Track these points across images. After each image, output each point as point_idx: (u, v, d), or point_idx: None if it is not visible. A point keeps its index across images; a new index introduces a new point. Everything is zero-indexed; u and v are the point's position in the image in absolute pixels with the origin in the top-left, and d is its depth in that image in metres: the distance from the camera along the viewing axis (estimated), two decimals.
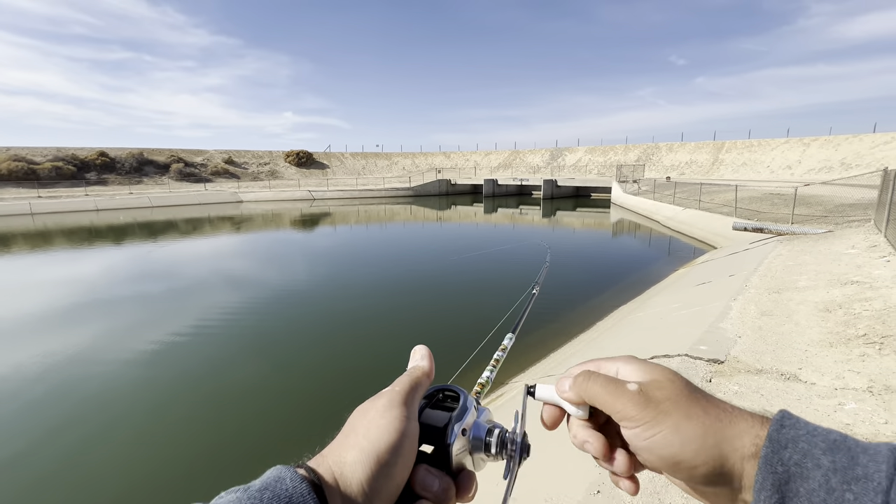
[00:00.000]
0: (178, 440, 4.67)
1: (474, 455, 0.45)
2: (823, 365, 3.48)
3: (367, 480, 0.36)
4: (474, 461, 0.45)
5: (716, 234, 13.60)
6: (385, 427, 0.39)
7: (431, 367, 0.48)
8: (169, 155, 44.57)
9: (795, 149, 37.08)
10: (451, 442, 0.42)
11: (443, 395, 0.48)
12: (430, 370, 0.48)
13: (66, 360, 6.45)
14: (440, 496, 0.40)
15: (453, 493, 0.41)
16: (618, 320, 7.14)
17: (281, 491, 0.32)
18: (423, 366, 0.48)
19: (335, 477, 0.36)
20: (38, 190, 33.19)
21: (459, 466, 0.43)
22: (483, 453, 0.45)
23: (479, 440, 0.45)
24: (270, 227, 22.96)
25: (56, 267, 13.58)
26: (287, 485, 0.33)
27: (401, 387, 0.43)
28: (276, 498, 0.32)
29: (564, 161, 52.04)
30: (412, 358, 0.50)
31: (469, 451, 0.44)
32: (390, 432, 0.38)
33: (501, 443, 0.44)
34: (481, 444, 0.44)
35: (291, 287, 10.54)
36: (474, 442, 0.44)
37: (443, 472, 0.41)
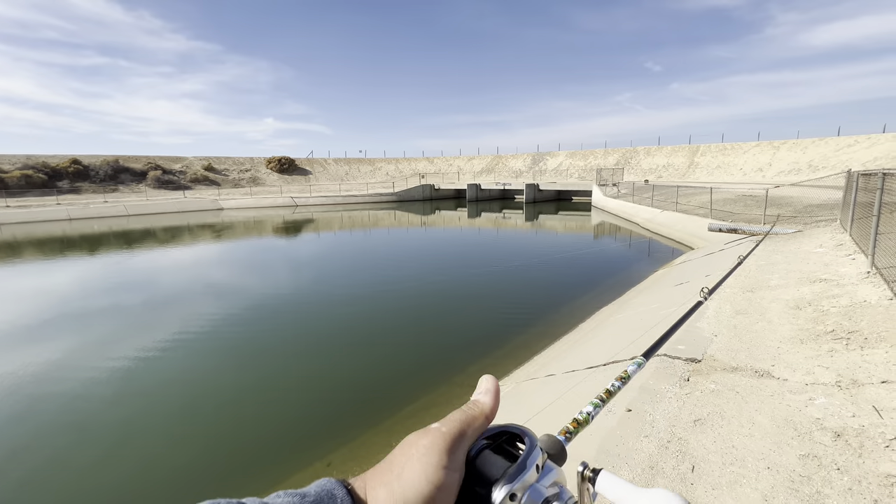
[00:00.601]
0: (157, 453, 4.52)
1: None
2: (795, 361, 3.60)
3: None
4: None
5: (693, 235, 13.96)
6: (420, 473, 0.36)
7: (495, 404, 0.43)
8: (146, 162, 43.46)
9: (766, 152, 38.45)
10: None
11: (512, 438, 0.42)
12: (491, 409, 0.42)
13: (36, 374, 6.19)
14: None
15: None
16: (600, 321, 7.25)
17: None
18: (485, 403, 0.42)
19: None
20: (6, 199, 31.88)
21: None
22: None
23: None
24: (252, 234, 22.57)
25: (26, 279, 13.05)
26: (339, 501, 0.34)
27: (448, 427, 0.39)
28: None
29: (546, 165, 52.74)
30: (477, 389, 0.45)
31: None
32: (424, 483, 0.35)
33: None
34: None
35: (273, 295, 10.37)
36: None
37: None
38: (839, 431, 2.58)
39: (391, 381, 5.93)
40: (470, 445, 0.39)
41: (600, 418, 3.07)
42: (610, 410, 3.18)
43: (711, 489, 2.23)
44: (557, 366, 5.18)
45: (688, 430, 2.79)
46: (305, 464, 4.22)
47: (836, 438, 2.51)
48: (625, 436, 2.80)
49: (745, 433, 2.67)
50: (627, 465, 2.51)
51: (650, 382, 3.51)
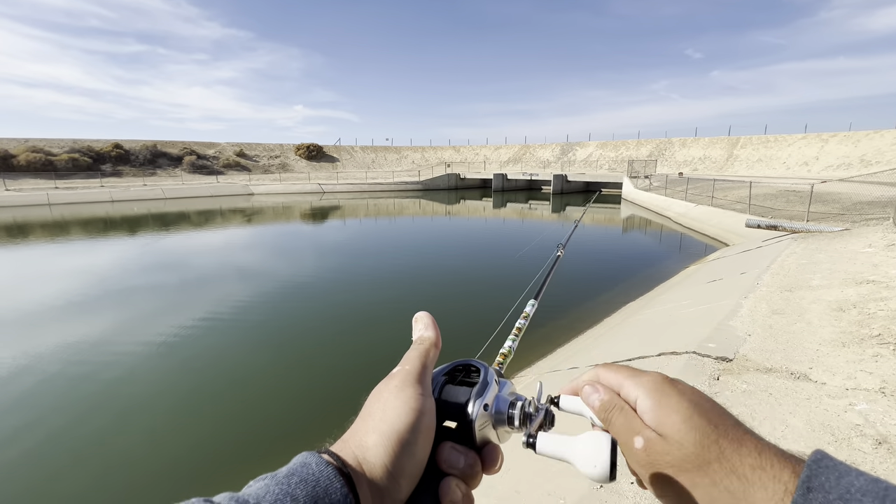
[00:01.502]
0: (191, 429, 4.77)
1: (498, 429, 0.45)
2: (835, 364, 3.43)
3: (390, 461, 0.37)
4: (499, 434, 0.45)
5: (728, 231, 13.39)
6: (401, 407, 0.39)
7: (437, 335, 0.47)
8: (182, 147, 45.08)
9: (813, 145, 36.22)
10: (473, 419, 0.42)
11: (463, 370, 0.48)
12: (436, 339, 0.47)
13: (79, 349, 6.62)
14: (466, 472, 0.40)
15: (479, 467, 0.41)
16: (626, 317, 7.10)
17: (307, 475, 0.33)
18: (429, 336, 0.47)
19: (359, 461, 0.37)
20: (55, 181, 33.85)
21: (484, 440, 0.43)
22: (507, 426, 0.45)
23: (501, 414, 0.44)
24: (281, 219, 23.17)
25: (72, 257, 13.89)
26: (313, 469, 0.34)
27: (411, 364, 0.43)
28: (304, 482, 0.33)
29: (575, 156, 51.51)
30: (415, 327, 0.49)
31: (493, 425, 0.44)
32: (407, 412, 0.39)
33: (524, 415, 0.45)
34: (504, 418, 0.44)
35: (301, 279, 10.65)
36: (497, 416, 0.44)
37: (467, 448, 0.41)
38: (881, 439, 2.45)
39: None
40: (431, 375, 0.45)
41: None
42: None
43: None
44: (581, 359, 5.12)
45: None
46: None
47: (878, 446, 2.39)
48: None
49: (778, 436, 2.58)
50: None
51: None
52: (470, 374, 0.47)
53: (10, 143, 37.18)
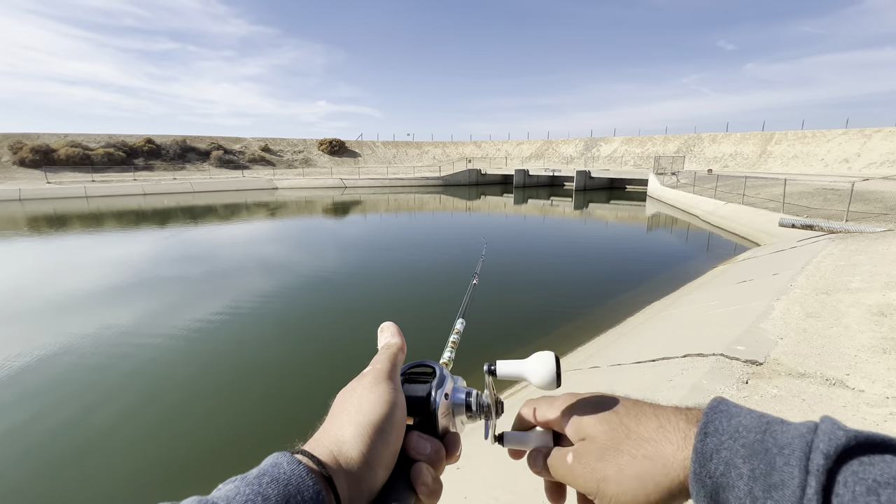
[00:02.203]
0: (211, 420, 4.93)
1: (456, 417, 0.49)
2: (875, 372, 3.25)
3: (367, 451, 0.39)
4: (457, 423, 0.50)
5: (760, 230, 12.88)
6: (376, 400, 0.42)
7: (403, 342, 0.52)
8: (209, 142, 46.38)
9: (855, 140, 34.33)
10: (435, 408, 0.46)
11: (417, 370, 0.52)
12: (402, 345, 0.51)
13: (105, 337, 6.92)
14: (433, 457, 0.44)
15: (444, 453, 0.45)
16: (650, 316, 6.92)
17: (279, 475, 0.34)
18: (396, 342, 0.51)
19: (334, 455, 0.38)
20: (91, 174, 35.42)
21: (445, 429, 0.48)
22: (464, 415, 0.50)
23: (459, 403, 0.49)
24: (304, 213, 23.58)
25: (105, 248, 14.52)
26: (284, 468, 0.35)
27: (381, 364, 0.47)
28: (275, 482, 0.33)
29: (599, 152, 50.43)
30: (381, 336, 0.53)
31: (452, 414, 0.49)
32: (382, 404, 0.41)
33: (479, 403, 0.50)
34: (462, 407, 0.49)
35: (322, 273, 10.82)
36: (455, 405, 0.49)
37: (432, 437, 0.46)
38: None
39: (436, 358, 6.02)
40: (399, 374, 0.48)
41: None
42: None
43: None
44: (602, 358, 5.03)
45: None
46: None
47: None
48: None
49: None
50: None
51: (703, 382, 3.32)
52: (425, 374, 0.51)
53: (50, 138, 39.06)
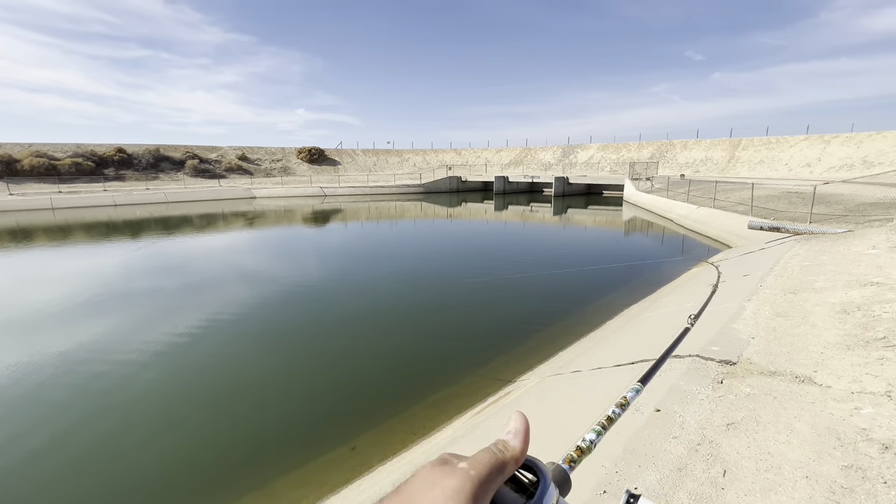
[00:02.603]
0: (189, 435, 4.77)
1: None
2: (840, 368, 3.40)
3: None
4: None
5: (730, 232, 13.36)
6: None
7: (524, 447, 0.40)
8: (184, 151, 45.27)
9: (815, 146, 36.14)
10: None
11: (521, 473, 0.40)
12: (521, 453, 0.39)
13: (79, 353, 6.63)
14: None
15: None
16: (628, 319, 7.07)
17: None
18: (515, 447, 0.39)
19: None
20: (58, 185, 34.05)
21: None
22: None
23: None
24: (283, 222, 23.21)
25: (74, 261, 13.94)
26: None
27: (477, 471, 0.35)
28: None
29: (576, 158, 51.52)
30: (506, 427, 0.41)
31: None
32: None
33: None
34: None
35: (302, 282, 10.65)
36: None
37: None
38: (888, 443, 2.42)
39: (416, 371, 6.00)
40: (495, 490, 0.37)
41: (627, 417, 3.01)
42: (637, 410, 3.10)
43: (744, 496, 2.15)
44: (584, 362, 5.10)
45: (720, 433, 2.70)
46: (331, 448, 4.35)
47: (884, 450, 2.37)
48: (653, 436, 2.74)
49: (783, 440, 2.56)
50: (655, 465, 2.45)
51: (680, 383, 3.40)
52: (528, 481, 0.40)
53: (13, 147, 37.40)
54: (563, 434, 3.10)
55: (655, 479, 2.33)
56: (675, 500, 2.16)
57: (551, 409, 4.00)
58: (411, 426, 4.67)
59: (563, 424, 3.40)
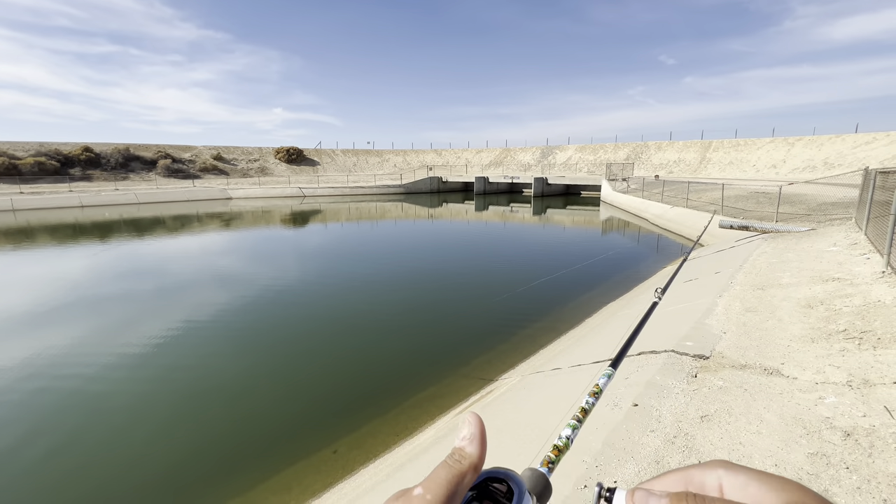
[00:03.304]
0: (166, 442, 4.61)
1: None
2: (805, 360, 3.56)
3: None
4: None
5: None
6: None
7: (482, 452, 0.37)
8: (156, 151, 43.80)
9: (780, 148, 37.76)
10: None
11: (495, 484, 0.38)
12: (479, 459, 0.37)
13: (48, 360, 6.33)
14: None
15: None
16: (606, 317, 7.22)
17: None
18: (471, 454, 0.36)
19: None
20: (20, 185, 32.39)
21: None
22: None
23: None
24: (261, 224, 22.72)
25: (39, 265, 13.29)
26: None
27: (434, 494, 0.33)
28: None
29: (555, 159, 52.30)
30: (460, 432, 0.38)
31: None
32: None
33: None
34: None
35: (280, 285, 10.45)
36: None
37: None
38: (849, 431, 2.55)
39: (396, 372, 5.97)
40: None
41: (606, 412, 3.07)
42: (616, 405, 3.18)
43: None
44: (563, 360, 5.18)
45: (694, 425, 2.78)
46: (312, 451, 4.29)
47: (846, 438, 2.49)
48: (631, 430, 2.80)
49: (753, 430, 2.66)
50: (633, 458, 2.51)
51: (657, 378, 3.50)
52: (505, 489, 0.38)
53: None
54: (545, 431, 3.14)
55: (633, 472, 2.39)
56: None
57: (532, 406, 4.05)
58: (393, 427, 4.64)
59: (544, 421, 3.44)
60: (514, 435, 3.25)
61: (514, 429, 3.41)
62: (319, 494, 3.71)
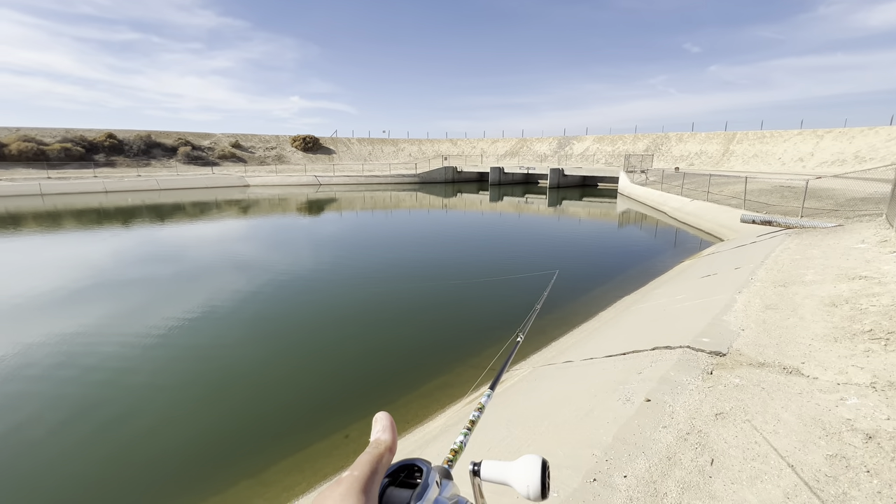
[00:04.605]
0: (182, 423, 4.76)
1: None
2: (827, 360, 3.46)
3: None
4: None
5: (723, 226, 13.45)
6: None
7: (394, 440, 0.46)
8: (177, 138, 44.57)
9: (808, 141, 36.34)
10: None
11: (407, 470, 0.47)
12: (392, 444, 0.46)
13: (70, 343, 6.58)
14: None
15: None
16: (620, 311, 7.13)
17: None
18: (385, 439, 0.46)
19: None
20: (47, 171, 33.43)
21: None
22: None
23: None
24: (277, 211, 23.02)
25: (65, 248, 13.75)
26: None
27: (360, 471, 0.41)
28: None
29: (572, 150, 51.43)
30: (374, 428, 0.48)
31: None
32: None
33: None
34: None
35: (294, 272, 10.60)
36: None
37: None
38: (871, 433, 2.47)
39: (408, 361, 6.02)
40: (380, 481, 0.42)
41: (618, 407, 3.04)
42: (628, 400, 3.14)
43: (731, 483, 2.19)
44: (575, 353, 5.14)
45: (708, 423, 2.74)
46: (323, 436, 4.37)
47: (868, 440, 2.42)
48: (643, 425, 2.77)
49: (770, 430, 2.60)
50: (644, 454, 2.48)
51: (671, 374, 3.44)
52: (413, 475, 0.47)
53: (0, 131, 36.60)
54: (554, 423, 3.13)
55: (644, 468, 2.37)
56: (663, 488, 2.20)
57: (543, 398, 4.04)
58: (404, 415, 4.70)
59: (554, 413, 3.43)
60: (524, 426, 3.25)
61: (523, 420, 3.41)
62: (330, 477, 3.79)
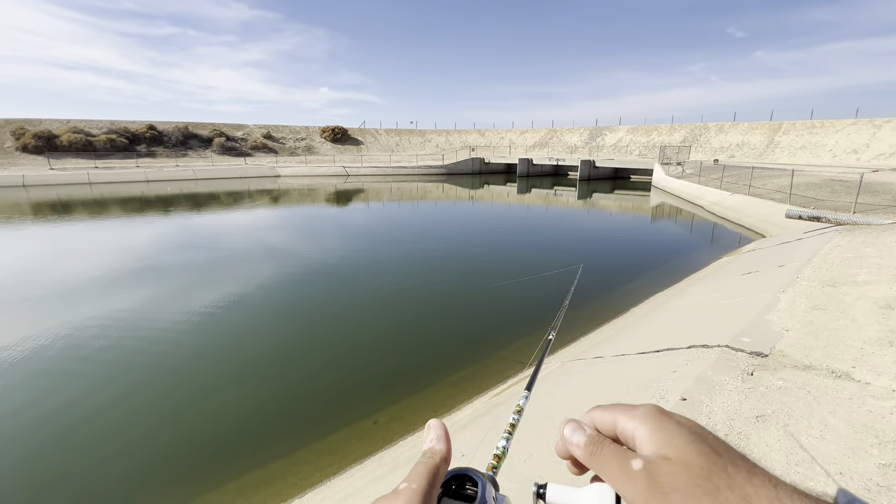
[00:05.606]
0: (219, 405, 4.99)
1: None
2: (881, 364, 3.25)
3: None
4: None
5: (766, 221, 12.79)
6: None
7: (449, 449, 0.45)
8: (212, 129, 46.13)
9: (864, 131, 33.84)
10: None
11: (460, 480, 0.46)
12: (447, 454, 0.45)
13: (110, 324, 6.99)
14: None
15: None
16: (653, 307, 6.93)
17: None
18: (440, 449, 0.44)
19: None
20: (94, 161, 35.37)
21: None
22: None
23: None
24: (306, 201, 23.55)
25: (110, 234, 14.57)
26: None
27: (418, 483, 0.40)
28: None
29: (604, 141, 49.94)
30: (426, 436, 0.46)
31: None
32: None
33: None
34: None
35: (325, 261, 10.84)
36: None
37: None
38: None
39: (437, 351, 6.08)
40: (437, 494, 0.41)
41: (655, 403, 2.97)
42: (662, 398, 3.06)
43: None
44: (606, 348, 5.05)
45: (749, 425, 2.64)
46: (353, 421, 4.49)
47: None
48: None
49: (816, 435, 2.48)
50: None
51: (708, 373, 3.33)
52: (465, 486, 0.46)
53: (52, 124, 38.92)
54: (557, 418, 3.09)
55: None
56: None
57: (571, 392, 3.99)
58: (431, 404, 4.76)
59: (582, 407, 3.39)
60: (553, 421, 3.23)
61: (550, 415, 3.39)
62: (360, 461, 3.90)
